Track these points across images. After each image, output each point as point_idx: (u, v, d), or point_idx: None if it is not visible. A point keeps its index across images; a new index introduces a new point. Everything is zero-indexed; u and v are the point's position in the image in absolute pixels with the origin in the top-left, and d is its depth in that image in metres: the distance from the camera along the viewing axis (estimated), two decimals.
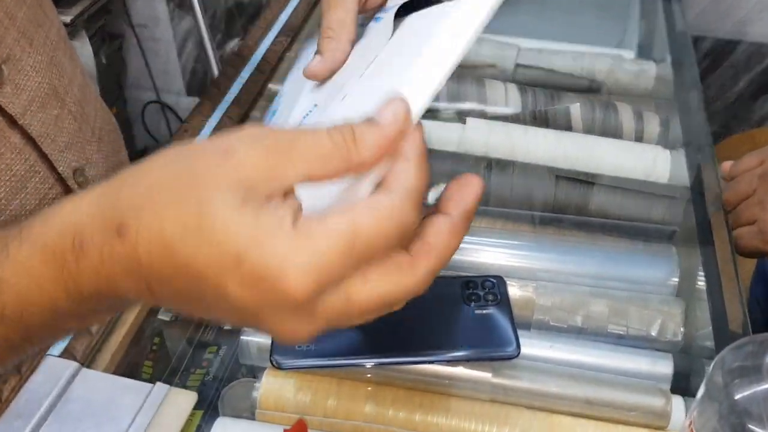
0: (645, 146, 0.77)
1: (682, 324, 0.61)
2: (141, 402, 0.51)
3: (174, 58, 1.90)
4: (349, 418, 0.56)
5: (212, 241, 0.30)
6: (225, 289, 0.31)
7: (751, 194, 0.64)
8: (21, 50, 0.59)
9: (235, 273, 0.30)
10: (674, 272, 0.65)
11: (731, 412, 0.36)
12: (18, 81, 0.58)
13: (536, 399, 0.57)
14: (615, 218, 0.72)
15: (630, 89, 0.84)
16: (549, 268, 0.67)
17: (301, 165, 0.32)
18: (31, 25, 0.61)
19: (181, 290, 0.32)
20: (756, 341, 0.38)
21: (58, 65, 0.64)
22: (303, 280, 0.30)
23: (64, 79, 0.65)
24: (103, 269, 0.33)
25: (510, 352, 0.54)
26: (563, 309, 0.63)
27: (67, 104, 0.65)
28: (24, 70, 0.59)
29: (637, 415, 0.55)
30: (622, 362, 0.60)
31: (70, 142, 0.64)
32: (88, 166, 0.66)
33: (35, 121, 0.59)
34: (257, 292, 0.31)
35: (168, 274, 0.32)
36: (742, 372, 0.37)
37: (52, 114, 0.62)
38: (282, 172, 0.32)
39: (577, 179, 0.73)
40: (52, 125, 0.62)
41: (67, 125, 0.64)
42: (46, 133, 0.61)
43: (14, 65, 0.58)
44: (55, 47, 0.65)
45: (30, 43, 0.61)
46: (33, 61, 0.60)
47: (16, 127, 0.58)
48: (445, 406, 0.56)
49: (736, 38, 1.50)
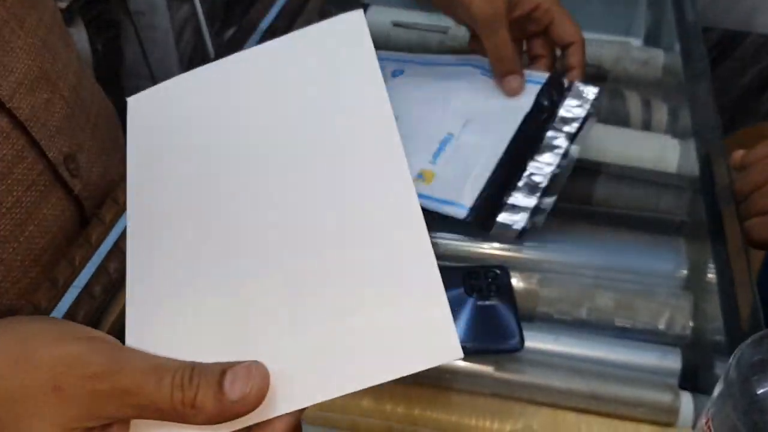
0: (653, 135, 0.76)
1: (690, 317, 0.60)
2: None
3: (171, 47, 1.89)
4: (346, 413, 0.55)
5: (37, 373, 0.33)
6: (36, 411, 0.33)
7: (764, 184, 0.63)
8: (10, 32, 0.58)
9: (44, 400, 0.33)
10: (682, 264, 0.64)
11: (752, 408, 0.35)
12: (6, 62, 0.57)
13: (540, 394, 0.56)
14: (621, 208, 0.70)
15: (637, 77, 0.83)
16: (553, 259, 0.66)
17: (129, 409, 0.33)
18: (22, 7, 0.60)
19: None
20: None
21: (51, 49, 0.63)
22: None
23: (57, 64, 0.64)
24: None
25: (513, 345, 0.54)
26: (568, 301, 0.62)
27: (60, 89, 0.64)
28: (13, 52, 0.58)
29: (644, 410, 0.55)
30: (628, 356, 0.59)
31: (61, 127, 0.63)
32: (81, 153, 0.65)
33: (24, 104, 0.59)
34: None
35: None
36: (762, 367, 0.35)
37: (42, 98, 0.61)
38: (106, 412, 0.33)
39: (583, 168, 0.71)
40: (42, 109, 0.61)
41: (58, 110, 0.63)
42: (35, 117, 0.60)
43: (2, 47, 0.57)
44: (49, 31, 0.64)
45: (20, 25, 0.60)
46: (23, 43, 0.60)
47: (4, 111, 0.57)
48: (445, 401, 0.55)
49: (744, 30, 1.50)
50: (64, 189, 0.62)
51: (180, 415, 0.33)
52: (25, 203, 0.58)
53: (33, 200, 0.59)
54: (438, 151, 0.63)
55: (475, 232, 0.62)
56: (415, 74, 0.71)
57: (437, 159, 0.63)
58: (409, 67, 0.72)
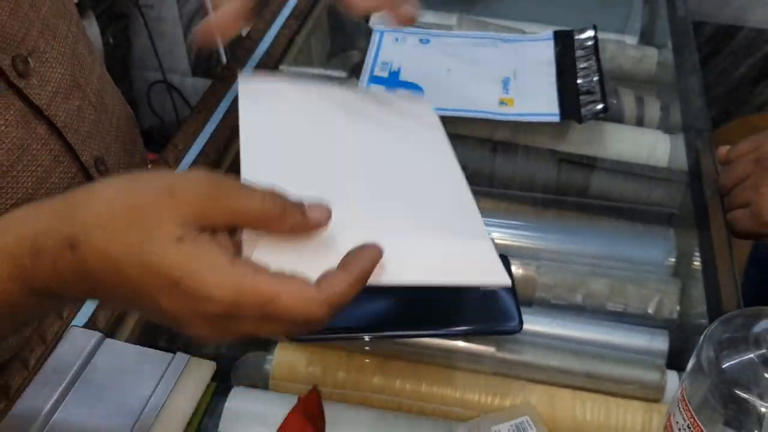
0: (645, 131, 0.78)
1: (678, 302, 0.63)
2: (162, 371, 0.53)
3: (180, 39, 1.90)
4: (359, 389, 0.57)
5: (152, 269, 0.37)
6: (159, 302, 0.37)
7: (746, 179, 0.65)
8: (45, 43, 0.60)
9: (170, 292, 0.37)
10: (671, 253, 0.66)
11: (720, 380, 0.38)
12: (43, 73, 0.60)
13: (538, 372, 0.58)
14: (615, 201, 0.73)
15: (632, 74, 0.86)
16: (551, 248, 0.68)
17: (230, 216, 0.39)
18: (54, 18, 0.62)
19: (122, 297, 0.39)
20: (745, 314, 0.40)
21: (78, 57, 0.66)
22: (220, 305, 0.37)
23: (84, 70, 0.66)
24: (55, 273, 0.38)
25: (512, 327, 0.56)
26: (564, 287, 0.64)
27: (88, 95, 0.66)
28: (48, 62, 0.61)
29: (634, 388, 0.57)
30: (620, 338, 0.61)
31: (91, 132, 0.66)
32: (108, 155, 0.68)
33: (60, 111, 0.61)
34: (186, 307, 0.37)
35: (112, 284, 0.38)
36: (730, 343, 0.39)
37: (75, 104, 0.64)
38: (212, 218, 0.38)
39: (580, 162, 0.74)
40: (75, 115, 0.63)
41: (88, 115, 0.66)
42: (70, 124, 0.62)
43: (39, 57, 0.59)
44: (75, 39, 0.66)
45: (53, 35, 0.62)
46: (56, 53, 0.62)
47: (42, 118, 0.59)
48: (450, 378, 0.58)
49: (737, 24, 1.51)
50: None
51: (267, 221, 0.39)
52: None
53: None
54: (504, 86, 0.78)
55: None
56: (442, 43, 0.85)
57: (508, 91, 0.77)
58: (434, 38, 0.85)
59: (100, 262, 0.37)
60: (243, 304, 0.37)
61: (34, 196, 0.59)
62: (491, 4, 0.99)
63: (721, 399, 0.38)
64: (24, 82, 0.57)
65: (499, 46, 0.84)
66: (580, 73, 0.77)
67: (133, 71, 1.98)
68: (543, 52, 0.82)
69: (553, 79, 0.78)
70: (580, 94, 0.74)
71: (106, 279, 0.37)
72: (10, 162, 0.57)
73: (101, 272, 0.37)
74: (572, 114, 0.72)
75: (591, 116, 0.72)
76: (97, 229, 0.37)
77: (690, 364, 0.43)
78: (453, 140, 0.75)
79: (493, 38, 0.85)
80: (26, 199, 0.58)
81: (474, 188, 0.74)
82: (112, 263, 0.37)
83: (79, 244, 0.37)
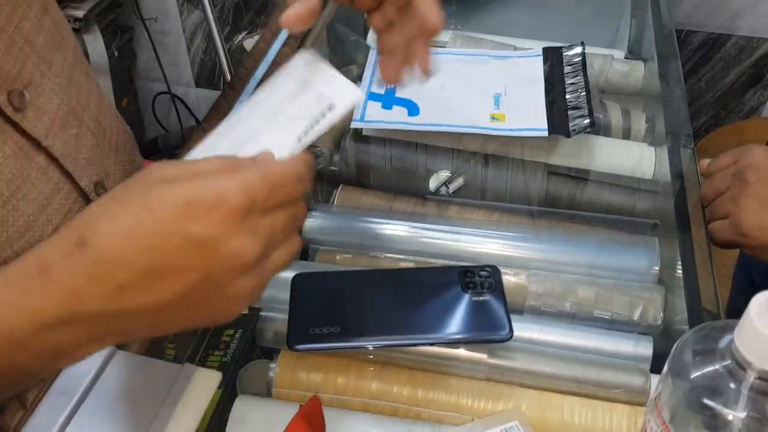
0: (632, 143, 0.79)
1: (662, 309, 0.64)
2: (171, 381, 0.55)
3: (183, 51, 1.92)
4: (358, 395, 0.59)
5: (163, 205, 0.38)
6: (187, 232, 0.37)
7: (725, 191, 0.67)
8: (41, 75, 0.60)
9: (190, 214, 0.38)
10: (656, 262, 0.68)
11: (689, 389, 0.41)
12: (40, 105, 0.59)
13: (528, 378, 0.60)
14: (603, 211, 0.75)
15: (620, 88, 0.87)
16: (541, 257, 0.69)
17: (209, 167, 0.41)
18: (50, 49, 0.62)
19: (146, 269, 0.37)
20: (715, 326, 0.43)
21: (75, 85, 0.65)
22: (237, 196, 0.38)
23: (81, 98, 0.66)
24: (67, 284, 0.37)
25: (503, 335, 0.58)
26: (554, 295, 0.66)
27: (85, 121, 0.66)
28: (45, 94, 0.60)
29: (620, 392, 0.58)
30: (606, 344, 0.62)
31: (90, 158, 0.65)
32: (107, 179, 0.68)
33: (57, 141, 0.61)
34: (212, 221, 0.38)
35: (133, 255, 0.37)
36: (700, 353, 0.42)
37: (72, 133, 0.63)
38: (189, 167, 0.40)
39: (568, 175, 0.76)
40: (72, 143, 0.63)
41: (86, 142, 0.65)
42: (68, 152, 0.62)
43: (35, 90, 0.59)
44: (72, 68, 0.65)
45: (49, 67, 0.62)
46: (52, 84, 0.61)
47: (40, 149, 0.59)
48: (444, 384, 0.59)
49: (727, 32, 1.53)
50: None
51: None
52: None
53: None
54: (496, 102, 0.80)
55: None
56: (436, 60, 0.84)
57: (499, 106, 0.79)
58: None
59: (113, 239, 0.37)
60: (251, 185, 0.39)
61: (35, 223, 0.59)
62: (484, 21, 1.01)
63: (690, 406, 0.41)
64: (20, 116, 0.57)
65: (490, 62, 0.86)
66: (568, 88, 0.79)
67: (138, 82, 2.00)
68: (532, 68, 0.84)
69: (542, 94, 0.80)
70: (569, 109, 0.77)
71: (126, 254, 0.37)
72: (10, 192, 0.57)
73: (118, 249, 0.37)
74: (560, 129, 0.74)
75: (579, 131, 0.74)
76: (97, 219, 0.38)
77: (663, 371, 0.45)
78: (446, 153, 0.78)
79: (485, 55, 0.88)
80: (27, 227, 0.58)
81: (466, 200, 0.77)
82: (124, 231, 0.37)
83: (86, 240, 0.37)
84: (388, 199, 0.78)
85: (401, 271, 0.68)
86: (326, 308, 0.60)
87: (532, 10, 1.03)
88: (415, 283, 0.62)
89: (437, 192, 0.78)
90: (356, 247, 0.73)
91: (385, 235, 0.72)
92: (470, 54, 0.88)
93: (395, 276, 0.65)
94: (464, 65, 0.86)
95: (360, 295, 0.62)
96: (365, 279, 0.64)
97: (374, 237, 0.72)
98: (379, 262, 0.71)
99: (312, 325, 0.58)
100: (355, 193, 0.80)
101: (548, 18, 0.98)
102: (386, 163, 0.79)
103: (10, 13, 0.58)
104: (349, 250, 0.72)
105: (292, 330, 0.58)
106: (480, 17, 1.02)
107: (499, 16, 1.02)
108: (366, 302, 0.61)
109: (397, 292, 0.62)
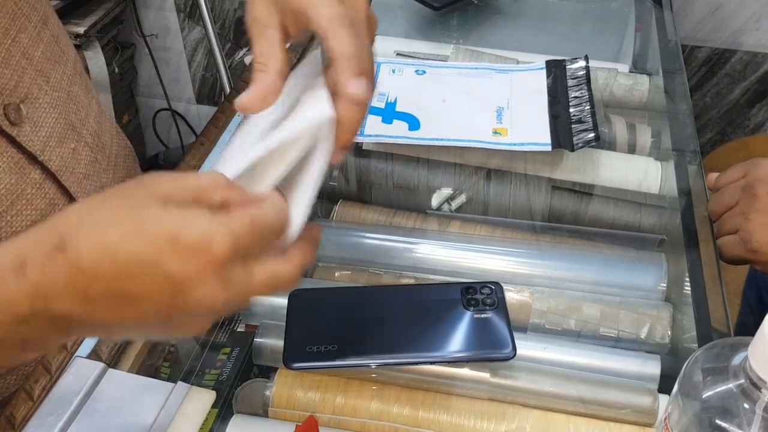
0: (637, 158, 0.79)
1: (669, 327, 0.63)
2: (163, 400, 0.54)
3: (184, 67, 1.93)
4: (356, 415, 0.58)
5: (151, 233, 0.37)
6: (164, 268, 0.37)
7: (734, 205, 0.66)
8: (38, 89, 0.60)
9: (174, 249, 0.37)
10: (663, 278, 0.67)
11: (701, 409, 0.39)
12: (36, 119, 0.59)
13: (532, 398, 0.59)
14: (608, 227, 0.74)
15: (624, 102, 0.86)
16: (545, 274, 0.69)
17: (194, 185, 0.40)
18: (48, 63, 0.62)
19: (116, 293, 0.37)
20: (727, 344, 0.42)
21: (74, 99, 0.65)
22: (224, 244, 0.37)
23: (80, 113, 0.65)
24: (42, 285, 0.37)
25: (506, 354, 0.57)
26: (558, 313, 0.65)
27: (84, 136, 0.65)
28: (42, 108, 0.60)
29: (627, 413, 0.57)
30: (613, 363, 0.61)
31: (88, 173, 0.65)
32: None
33: (54, 156, 0.60)
34: (192, 262, 0.37)
35: (109, 273, 0.37)
36: (712, 372, 0.40)
37: (69, 147, 0.63)
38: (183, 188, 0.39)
39: (572, 189, 0.75)
40: (70, 158, 0.62)
41: (84, 157, 0.65)
42: (65, 167, 0.62)
43: (32, 104, 0.59)
44: (71, 82, 0.65)
45: (47, 81, 0.61)
46: (50, 98, 0.61)
47: (36, 164, 0.59)
48: (446, 404, 0.58)
49: (732, 48, 1.53)
50: None
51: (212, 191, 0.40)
52: None
53: None
54: (498, 116, 0.79)
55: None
56: (437, 74, 0.86)
57: (501, 120, 0.78)
58: (429, 69, 0.86)
59: (94, 253, 0.37)
60: (239, 233, 0.38)
61: None
62: (486, 35, 1.00)
63: (702, 427, 0.39)
64: (16, 129, 0.57)
65: (493, 76, 0.85)
66: (572, 102, 0.78)
67: (139, 99, 2.01)
68: (535, 81, 0.83)
69: (545, 108, 0.79)
70: (572, 123, 0.76)
71: (102, 268, 0.37)
72: (4, 207, 0.56)
73: (97, 264, 0.37)
74: (564, 143, 0.73)
75: (583, 145, 0.73)
76: (82, 226, 0.37)
77: (673, 390, 0.44)
78: (448, 168, 0.77)
79: (487, 68, 0.87)
80: None
81: (468, 215, 0.76)
82: (107, 250, 0.36)
83: (67, 245, 0.37)
84: (388, 215, 0.78)
85: (401, 288, 0.67)
86: (324, 325, 0.59)
87: (535, 24, 1.03)
88: (416, 300, 0.61)
89: (439, 209, 0.77)
90: (355, 263, 0.72)
91: (384, 251, 0.71)
92: (472, 67, 0.87)
93: (395, 293, 0.63)
94: (466, 79, 0.85)
95: (359, 312, 0.61)
96: (364, 296, 0.63)
97: (374, 253, 0.72)
98: (379, 278, 0.70)
99: (309, 342, 0.57)
100: (354, 208, 0.79)
101: (551, 32, 0.98)
102: (387, 179, 0.78)
103: (7, 25, 0.57)
104: (348, 267, 0.72)
105: (288, 348, 0.57)
106: (482, 31, 1.01)
107: (502, 30, 1.01)
108: (365, 320, 0.60)
109: (397, 309, 0.61)
